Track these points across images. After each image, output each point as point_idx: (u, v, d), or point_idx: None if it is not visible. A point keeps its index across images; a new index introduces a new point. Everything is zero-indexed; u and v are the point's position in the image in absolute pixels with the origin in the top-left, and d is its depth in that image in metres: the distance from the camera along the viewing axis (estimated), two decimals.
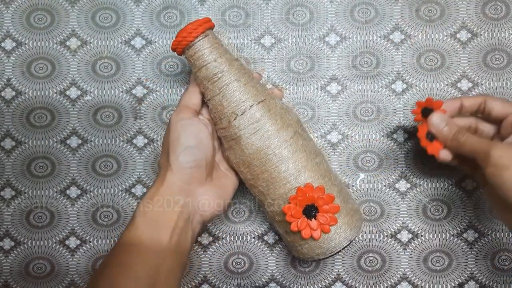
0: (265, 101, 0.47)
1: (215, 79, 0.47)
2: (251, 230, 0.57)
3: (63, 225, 0.57)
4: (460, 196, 0.56)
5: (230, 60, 0.48)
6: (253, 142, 0.47)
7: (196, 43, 0.47)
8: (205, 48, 0.47)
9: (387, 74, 0.57)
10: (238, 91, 0.47)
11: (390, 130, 0.57)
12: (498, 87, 0.56)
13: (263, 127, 0.46)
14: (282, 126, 0.47)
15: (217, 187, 0.48)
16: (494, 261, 0.56)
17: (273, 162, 0.46)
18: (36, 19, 0.57)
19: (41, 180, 0.57)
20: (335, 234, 0.47)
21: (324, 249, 0.47)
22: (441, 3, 0.57)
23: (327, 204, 0.46)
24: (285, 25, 0.57)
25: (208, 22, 0.47)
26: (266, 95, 0.48)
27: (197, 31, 0.46)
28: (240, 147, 0.47)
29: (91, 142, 0.57)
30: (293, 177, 0.46)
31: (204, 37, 0.47)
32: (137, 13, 0.57)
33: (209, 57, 0.47)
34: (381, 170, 0.57)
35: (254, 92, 0.47)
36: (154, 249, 0.44)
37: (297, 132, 0.48)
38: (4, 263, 0.56)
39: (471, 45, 0.57)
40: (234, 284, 0.56)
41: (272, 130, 0.47)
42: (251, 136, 0.47)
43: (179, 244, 0.45)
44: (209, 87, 0.47)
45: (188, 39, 0.46)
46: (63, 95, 0.57)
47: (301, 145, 0.47)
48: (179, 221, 0.45)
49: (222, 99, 0.47)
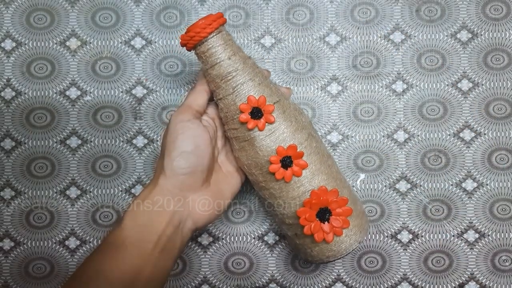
0: (279, 102, 0.46)
1: (229, 77, 0.45)
2: (251, 230, 0.57)
3: (63, 226, 0.57)
4: (460, 197, 0.56)
5: (244, 58, 0.46)
6: (268, 144, 0.45)
7: (209, 39, 0.45)
8: (218, 45, 0.45)
9: (387, 74, 0.57)
10: (252, 91, 0.45)
11: (390, 130, 0.57)
12: (498, 87, 0.56)
13: (278, 128, 0.45)
14: (297, 128, 0.46)
15: (213, 193, 0.47)
16: (495, 262, 0.56)
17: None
18: (36, 19, 0.57)
19: (41, 181, 0.57)
20: (346, 237, 0.46)
21: (334, 251, 0.47)
22: (441, 3, 0.57)
23: (340, 207, 0.46)
24: (285, 25, 0.57)
25: (222, 18, 0.45)
26: (280, 95, 0.47)
27: (211, 26, 0.44)
28: (254, 148, 0.46)
29: (91, 143, 0.57)
30: (307, 180, 0.46)
31: (218, 33, 0.45)
32: (137, 13, 0.57)
33: (222, 55, 0.45)
34: (381, 171, 0.57)
35: (269, 92, 0.46)
36: (135, 255, 0.42)
37: (310, 134, 0.47)
38: (4, 263, 0.56)
39: (471, 45, 0.57)
40: (234, 285, 0.56)
41: (288, 132, 0.45)
42: (265, 138, 0.45)
43: (163, 254, 0.43)
44: (222, 85, 0.46)
45: (201, 34, 0.44)
46: (63, 95, 0.57)
47: (314, 148, 0.47)
48: (167, 228, 0.44)
49: (235, 98, 0.45)
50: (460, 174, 0.56)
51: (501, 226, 0.56)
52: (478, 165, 0.56)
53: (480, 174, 0.56)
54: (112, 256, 0.42)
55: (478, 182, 0.56)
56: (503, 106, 0.56)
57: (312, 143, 0.47)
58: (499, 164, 0.56)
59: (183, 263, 0.57)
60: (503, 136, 0.56)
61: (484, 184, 0.56)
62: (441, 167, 0.56)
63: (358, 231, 0.47)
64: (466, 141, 0.56)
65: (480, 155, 0.56)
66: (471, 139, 0.56)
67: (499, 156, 0.56)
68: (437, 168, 0.56)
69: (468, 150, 0.56)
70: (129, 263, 0.42)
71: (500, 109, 0.56)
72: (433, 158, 0.56)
